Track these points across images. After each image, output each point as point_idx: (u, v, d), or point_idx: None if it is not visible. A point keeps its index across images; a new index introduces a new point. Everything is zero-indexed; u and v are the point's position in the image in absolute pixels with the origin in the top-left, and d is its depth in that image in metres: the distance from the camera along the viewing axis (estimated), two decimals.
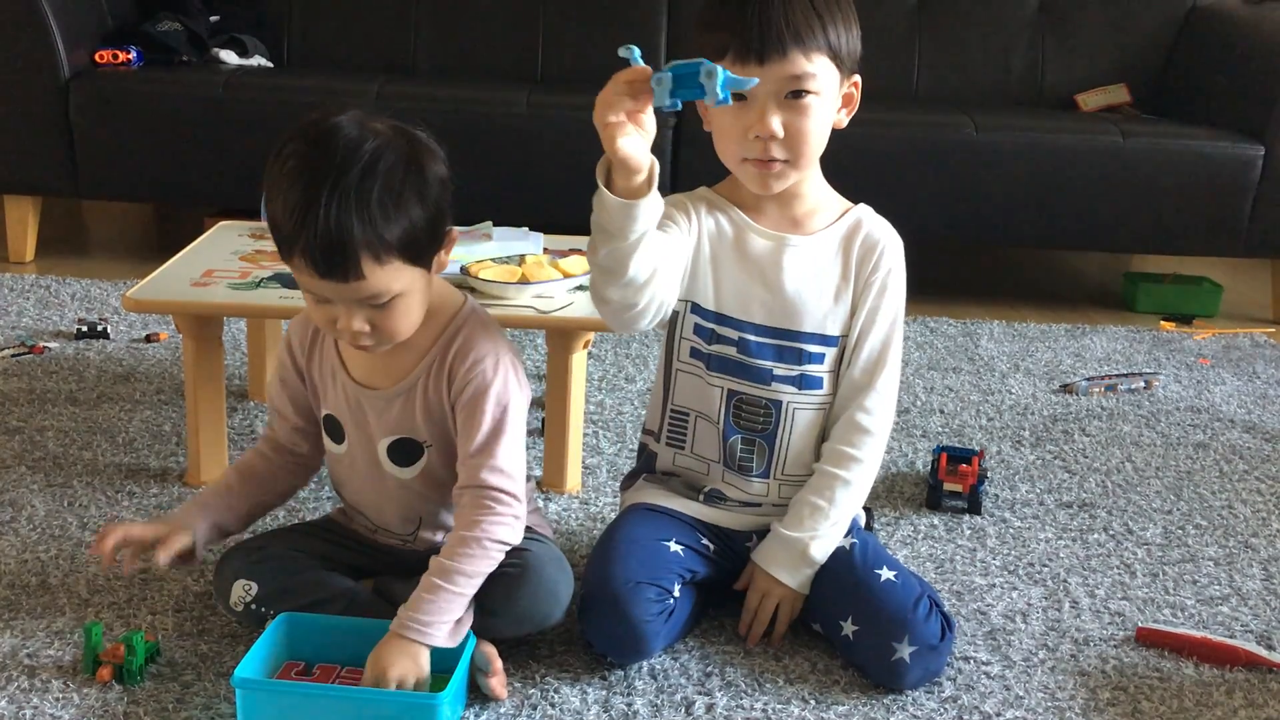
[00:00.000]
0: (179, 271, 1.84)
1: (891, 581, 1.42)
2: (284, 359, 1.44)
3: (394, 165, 1.21)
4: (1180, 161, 2.99)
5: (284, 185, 1.21)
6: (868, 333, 1.45)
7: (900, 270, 1.48)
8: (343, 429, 1.41)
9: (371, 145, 1.21)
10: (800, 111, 1.33)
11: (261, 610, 1.37)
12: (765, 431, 1.46)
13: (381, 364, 1.36)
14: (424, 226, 1.24)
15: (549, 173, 2.87)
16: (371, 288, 1.22)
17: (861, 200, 1.50)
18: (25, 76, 2.90)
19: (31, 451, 1.91)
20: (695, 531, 1.49)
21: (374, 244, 1.20)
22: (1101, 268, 3.61)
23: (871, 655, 1.39)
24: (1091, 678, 1.45)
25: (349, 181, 1.18)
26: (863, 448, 1.45)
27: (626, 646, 1.37)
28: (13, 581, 1.53)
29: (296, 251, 1.22)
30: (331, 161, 1.19)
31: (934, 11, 3.46)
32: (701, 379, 1.46)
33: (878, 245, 1.46)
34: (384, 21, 3.42)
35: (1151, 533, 1.84)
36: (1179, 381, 2.56)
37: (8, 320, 2.53)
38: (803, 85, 1.32)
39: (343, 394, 1.39)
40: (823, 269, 1.45)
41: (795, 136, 1.34)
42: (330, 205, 1.17)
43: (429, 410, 1.36)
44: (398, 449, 1.38)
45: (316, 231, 1.18)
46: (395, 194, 1.21)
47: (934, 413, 2.31)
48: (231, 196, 2.99)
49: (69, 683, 1.32)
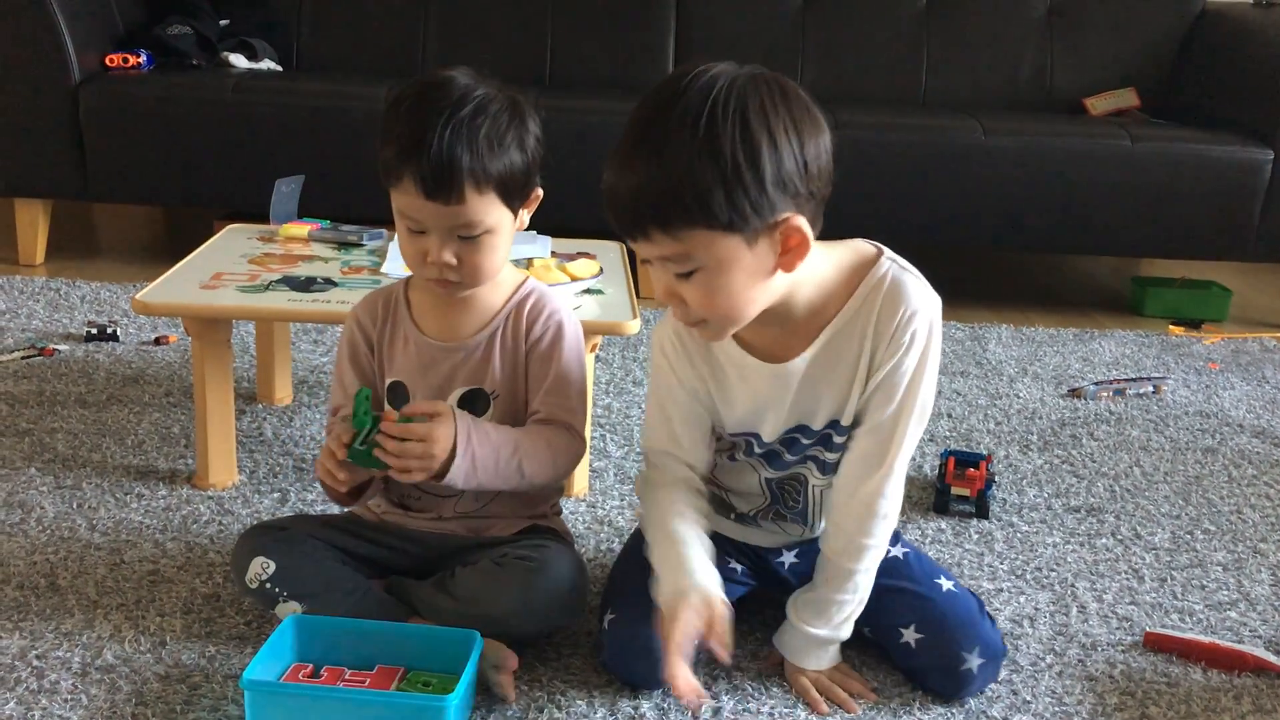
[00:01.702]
0: (188, 274, 1.85)
1: (954, 591, 1.41)
2: (354, 337, 1.49)
3: (500, 111, 1.33)
4: (1189, 165, 2.98)
5: (401, 119, 1.32)
6: (883, 404, 1.29)
7: (925, 334, 1.26)
8: (408, 393, 1.46)
9: (482, 92, 1.33)
10: (694, 286, 1.19)
11: (275, 590, 1.38)
12: (796, 508, 1.43)
13: (455, 322, 1.45)
14: (520, 170, 1.35)
15: (557, 176, 2.86)
16: (468, 214, 1.32)
17: (871, 204, 1.44)
18: (36, 80, 2.92)
19: (41, 453, 1.92)
20: (724, 554, 1.45)
21: (477, 173, 1.31)
22: (1110, 272, 3.61)
23: (937, 664, 1.37)
24: (1099, 683, 1.44)
25: (462, 116, 1.30)
26: (879, 533, 1.33)
27: (651, 679, 1.34)
28: (22, 583, 1.53)
29: (407, 173, 1.30)
30: (448, 99, 1.31)
31: (942, 15, 3.46)
32: (735, 465, 1.43)
33: (896, 311, 1.26)
34: (392, 25, 3.43)
35: (1160, 537, 1.84)
36: (1188, 386, 2.55)
37: (18, 322, 2.54)
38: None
39: (414, 354, 1.45)
40: (836, 363, 1.29)
41: (699, 305, 1.21)
42: (444, 133, 1.29)
43: (504, 359, 1.44)
44: (468, 400, 1.44)
45: (429, 155, 1.29)
46: (500, 135, 1.32)
47: (942, 417, 2.30)
48: (241, 199, 3.00)
49: (78, 684, 1.33)
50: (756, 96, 1.12)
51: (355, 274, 1.90)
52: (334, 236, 2.09)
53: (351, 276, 1.88)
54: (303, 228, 2.11)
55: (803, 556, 1.47)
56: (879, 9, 3.47)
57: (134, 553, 1.62)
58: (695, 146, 1.10)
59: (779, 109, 1.12)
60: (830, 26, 3.45)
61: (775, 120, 1.11)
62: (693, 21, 3.42)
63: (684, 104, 1.11)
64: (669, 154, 1.10)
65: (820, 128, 1.16)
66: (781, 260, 1.18)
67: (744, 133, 1.10)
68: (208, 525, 1.71)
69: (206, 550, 1.64)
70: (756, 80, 1.13)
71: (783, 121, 1.12)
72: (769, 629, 1.46)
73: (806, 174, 1.14)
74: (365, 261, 1.97)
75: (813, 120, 1.15)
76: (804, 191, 1.15)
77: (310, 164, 2.51)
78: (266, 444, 2.00)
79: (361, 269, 1.93)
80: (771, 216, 1.14)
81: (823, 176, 1.16)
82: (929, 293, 1.28)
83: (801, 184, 1.14)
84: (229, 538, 1.66)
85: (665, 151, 1.11)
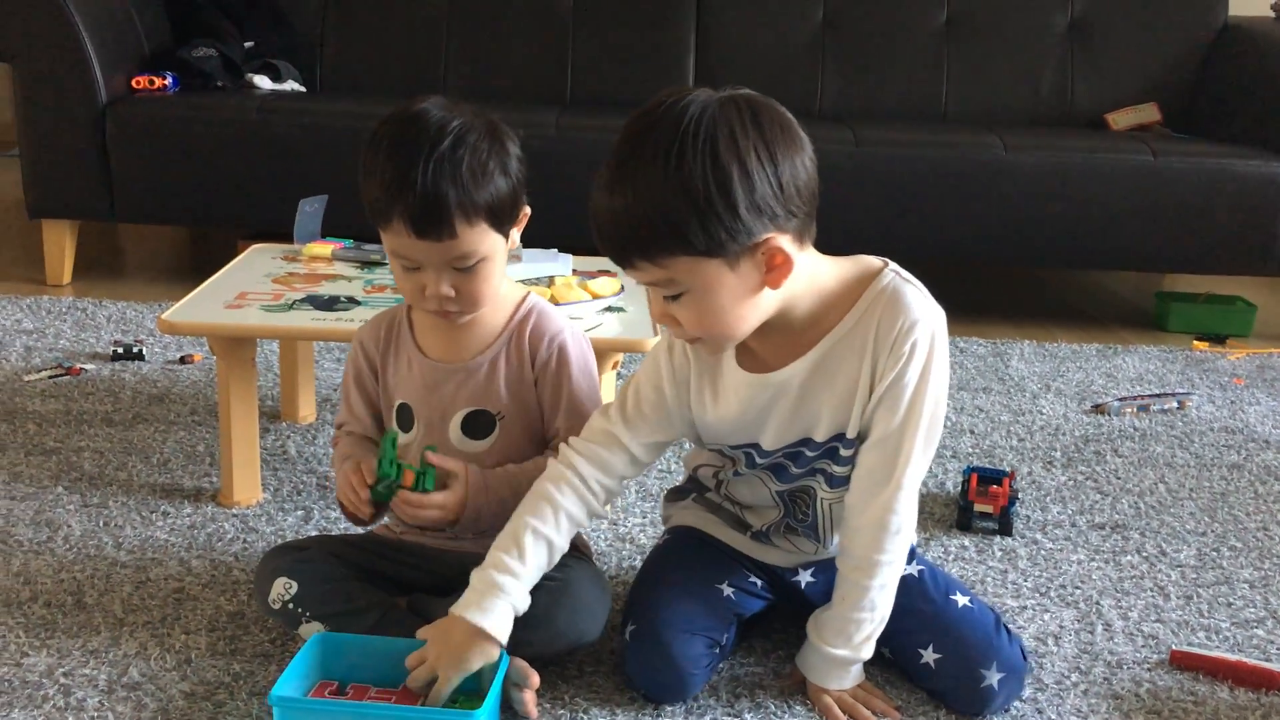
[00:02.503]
0: (213, 294, 1.87)
1: (969, 607, 1.41)
2: (359, 360, 1.52)
3: (479, 139, 1.33)
4: (1212, 180, 2.97)
5: (381, 161, 1.32)
6: (887, 418, 1.28)
7: (926, 346, 1.27)
8: (413, 416, 1.46)
9: (458, 123, 1.33)
10: (684, 307, 1.23)
11: (298, 611, 1.39)
12: (806, 521, 1.43)
13: (457, 343, 1.46)
14: (507, 194, 1.36)
15: (578, 194, 2.86)
16: (462, 247, 1.33)
17: (892, 220, 1.44)
18: (64, 103, 2.95)
19: (68, 472, 1.94)
20: (743, 568, 1.47)
21: (465, 206, 1.31)
22: (1133, 287, 3.59)
23: (957, 683, 1.37)
24: (1125, 701, 1.43)
25: (442, 151, 1.30)
26: (893, 549, 1.32)
27: (672, 692, 1.37)
28: (49, 600, 1.55)
29: (395, 215, 1.31)
30: (425, 136, 1.31)
31: (962, 31, 3.46)
32: (743, 479, 1.44)
33: (896, 322, 1.26)
34: (414, 46, 3.46)
35: (1185, 555, 1.83)
36: (1213, 402, 2.53)
37: (45, 342, 2.57)
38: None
39: (418, 376, 1.47)
40: (836, 374, 1.30)
41: (691, 325, 1.25)
42: (426, 172, 1.29)
43: (509, 380, 1.45)
44: (472, 421, 1.45)
45: (415, 195, 1.29)
46: (483, 163, 1.32)
47: (964, 433, 2.30)
48: (265, 219, 3.03)
49: (104, 701, 1.34)
50: (726, 124, 1.14)
51: (378, 293, 1.91)
52: (357, 256, 2.11)
53: (374, 295, 1.90)
54: (326, 247, 2.13)
55: (819, 575, 1.47)
56: (899, 26, 3.47)
57: (159, 570, 1.63)
58: (665, 179, 1.13)
59: (749, 133, 1.14)
60: (850, 44, 3.45)
61: (745, 146, 1.13)
62: (712, 40, 3.44)
63: (655, 136, 1.14)
64: (642, 186, 1.14)
65: (798, 145, 1.18)
66: (767, 278, 1.20)
67: (713, 163, 1.12)
68: (232, 543, 1.72)
69: (231, 568, 1.65)
70: (727, 106, 1.15)
71: (753, 146, 1.14)
72: (792, 646, 1.45)
73: (783, 195, 1.16)
74: (388, 280, 1.98)
75: (789, 139, 1.17)
76: (781, 212, 1.16)
77: (333, 184, 2.53)
78: (290, 462, 2.01)
79: (384, 288, 1.94)
80: (749, 240, 1.16)
81: (803, 194, 1.18)
82: (930, 304, 1.29)
83: (779, 205, 1.16)
84: (253, 555, 1.67)
85: (639, 184, 1.15)
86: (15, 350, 2.50)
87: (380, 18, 3.47)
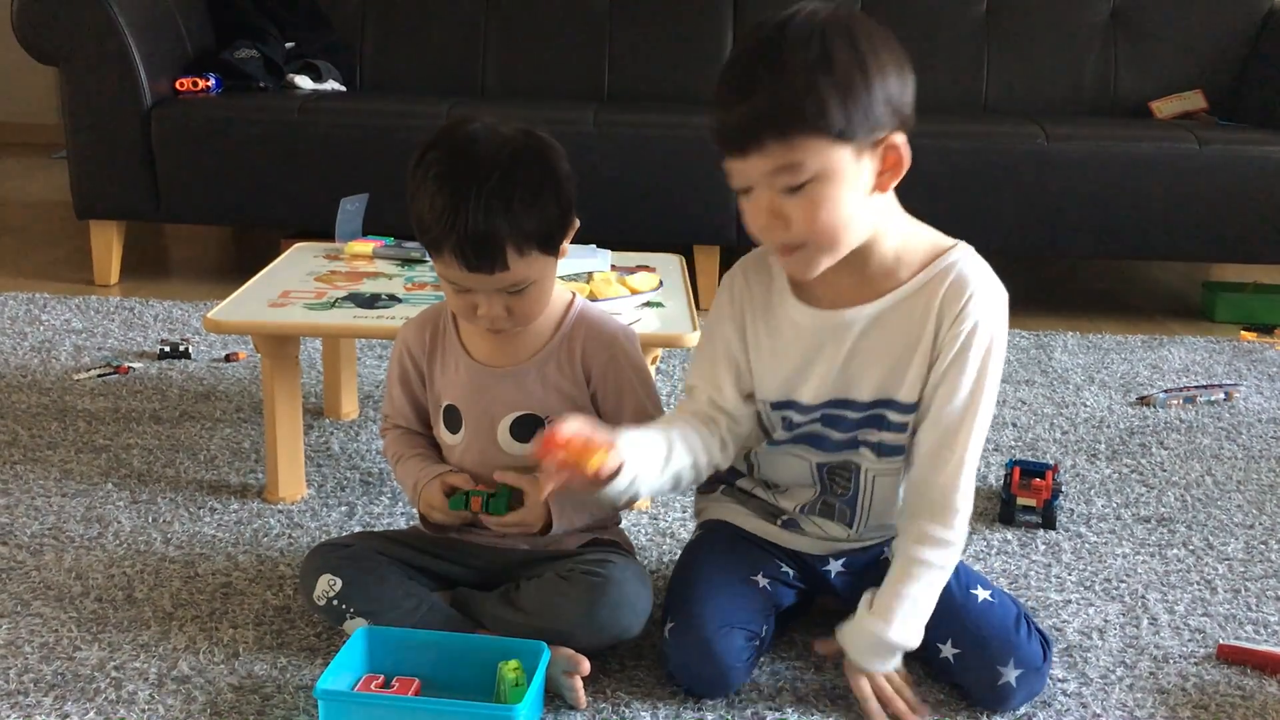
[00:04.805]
0: (257, 293, 1.89)
1: (990, 602, 1.40)
2: (404, 364, 1.52)
3: (530, 165, 1.32)
4: (1259, 168, 2.93)
5: (431, 190, 1.31)
6: (948, 395, 1.30)
7: (989, 324, 1.30)
8: (461, 418, 1.47)
9: (508, 151, 1.31)
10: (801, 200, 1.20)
11: (342, 607, 1.41)
12: (845, 495, 1.42)
13: (507, 347, 1.45)
14: (557, 219, 1.35)
15: (616, 190, 2.89)
16: (514, 277, 1.33)
17: (934, 211, 1.43)
18: (109, 106, 3.00)
19: (117, 469, 1.97)
20: (775, 559, 1.47)
21: (517, 238, 1.31)
22: (1179, 277, 3.55)
23: (976, 679, 1.37)
24: (1171, 695, 1.42)
25: (492, 185, 1.29)
26: (955, 528, 1.32)
27: (715, 687, 1.37)
28: (100, 595, 1.57)
29: (446, 249, 1.32)
30: (474, 167, 1.30)
31: (1003, 20, 3.43)
32: (781, 454, 1.43)
33: (962, 295, 1.29)
34: (453, 45, 3.48)
35: (1233, 548, 1.80)
36: (1260, 393, 2.50)
37: (94, 341, 2.61)
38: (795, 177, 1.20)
39: (466, 379, 1.46)
40: (894, 333, 1.31)
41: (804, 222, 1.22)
42: (477, 207, 1.28)
43: (558, 385, 1.44)
44: (521, 426, 1.45)
45: (466, 231, 1.29)
46: (535, 193, 1.31)
47: (1007, 426, 2.28)
48: (307, 218, 3.06)
49: (154, 694, 1.36)
50: (862, 25, 1.21)
51: (419, 290, 1.93)
52: (398, 253, 2.13)
53: (415, 292, 1.91)
54: (367, 245, 2.15)
55: (850, 566, 1.47)
56: (939, 16, 3.45)
57: (207, 565, 1.66)
58: (813, 61, 1.17)
59: (881, 37, 1.22)
60: None
61: (881, 44, 1.21)
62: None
63: (795, 30, 1.18)
64: (790, 69, 1.17)
65: (908, 70, 1.24)
66: (879, 179, 1.24)
67: (855, 51, 1.18)
68: (278, 539, 1.74)
69: (277, 563, 1.67)
70: (856, 14, 1.23)
71: (885, 48, 1.21)
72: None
73: (905, 98, 1.23)
74: (428, 278, 2.00)
75: (904, 60, 1.24)
76: (905, 114, 1.23)
77: (374, 182, 2.55)
78: (334, 458, 2.03)
79: (425, 285, 1.96)
80: (878, 132, 1.21)
81: (911, 112, 1.24)
82: (997, 286, 1.33)
83: (905, 105, 1.23)
84: (299, 550, 1.69)
85: (786, 67, 1.17)
86: (65, 350, 2.55)
87: (419, 17, 3.49)
